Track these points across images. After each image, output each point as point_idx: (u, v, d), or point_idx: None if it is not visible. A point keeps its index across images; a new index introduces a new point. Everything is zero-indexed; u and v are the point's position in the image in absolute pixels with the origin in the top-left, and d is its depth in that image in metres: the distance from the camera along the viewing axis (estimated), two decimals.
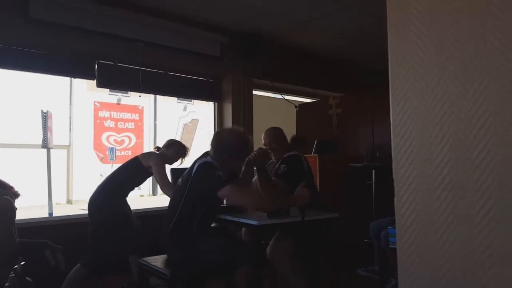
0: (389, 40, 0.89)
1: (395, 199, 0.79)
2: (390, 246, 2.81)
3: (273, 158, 2.95)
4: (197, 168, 2.23)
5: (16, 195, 2.54)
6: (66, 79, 12.22)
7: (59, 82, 12.26)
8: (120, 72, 3.88)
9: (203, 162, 2.25)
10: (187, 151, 3.09)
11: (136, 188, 3.07)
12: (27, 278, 2.04)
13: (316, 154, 4.42)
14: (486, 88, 0.71)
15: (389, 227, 2.81)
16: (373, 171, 4.24)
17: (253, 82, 4.77)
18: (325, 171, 4.31)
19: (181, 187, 2.32)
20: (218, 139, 2.37)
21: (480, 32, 0.75)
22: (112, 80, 3.90)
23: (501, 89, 0.71)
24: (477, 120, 0.71)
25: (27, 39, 3.32)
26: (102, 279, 2.71)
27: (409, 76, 0.81)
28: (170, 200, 2.48)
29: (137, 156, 2.95)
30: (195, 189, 2.21)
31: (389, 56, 0.87)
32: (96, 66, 3.73)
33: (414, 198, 0.76)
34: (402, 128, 0.78)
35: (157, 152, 3.03)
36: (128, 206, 2.98)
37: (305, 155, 3.97)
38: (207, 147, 4.97)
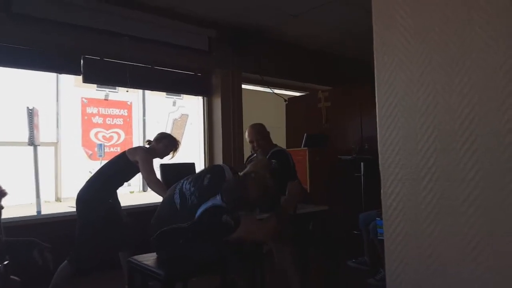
0: (374, 31, 0.88)
1: (381, 190, 0.79)
2: (379, 237, 2.84)
3: (258, 153, 2.94)
4: (202, 213, 2.02)
5: (3, 193, 2.49)
6: (52, 75, 11.99)
7: (45, 78, 12.03)
8: (106, 67, 3.82)
9: (210, 207, 2.02)
10: (178, 145, 3.05)
11: (125, 184, 3.04)
12: (13, 277, 2.01)
13: (305, 148, 4.42)
14: (471, 79, 0.71)
15: (377, 218, 2.83)
16: (361, 163, 4.27)
17: (242, 76, 4.75)
18: (315, 164, 4.32)
19: (180, 210, 2.10)
20: (240, 194, 2.05)
21: (467, 24, 0.75)
22: (98, 75, 3.84)
23: (486, 80, 0.72)
24: (462, 109, 0.71)
25: (10, 34, 3.25)
26: (91, 276, 2.68)
27: (395, 67, 0.80)
28: (161, 208, 2.26)
29: (124, 152, 2.91)
30: (197, 232, 2.03)
31: (374, 47, 0.87)
32: (82, 61, 3.66)
33: (400, 189, 0.76)
34: (388, 118, 0.77)
35: (147, 146, 2.99)
36: (118, 202, 2.94)
37: (295, 149, 4.00)
38: (197, 143, 4.96)
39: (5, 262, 1.48)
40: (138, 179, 14.13)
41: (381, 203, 0.85)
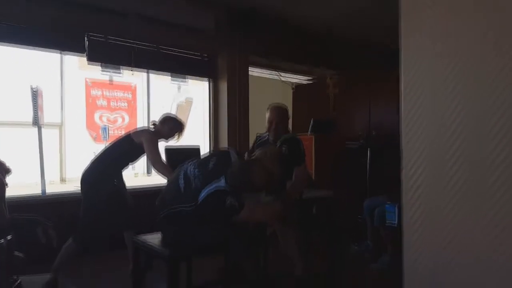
0: (400, 12, 0.83)
1: (402, 171, 0.75)
2: (387, 223, 2.80)
3: (270, 135, 2.89)
4: (206, 196, 2.00)
5: (7, 171, 2.49)
6: (56, 56, 11.92)
7: (49, 59, 11.96)
8: (111, 47, 3.76)
9: (214, 190, 2.00)
10: (183, 127, 3.02)
11: (130, 166, 3.02)
12: (17, 253, 2.01)
13: (312, 134, 4.38)
14: (508, 52, 0.66)
15: (387, 204, 2.79)
16: (368, 150, 4.23)
17: (249, 60, 4.68)
18: (321, 150, 4.29)
19: (184, 193, 2.07)
20: (244, 177, 2.03)
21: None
22: (103, 55, 3.78)
23: None
24: (495, 86, 0.66)
25: (14, 12, 3.20)
26: (96, 255, 2.69)
27: (421, 45, 0.75)
28: (166, 190, 2.24)
29: (129, 133, 2.88)
30: (201, 215, 2.02)
31: (400, 27, 0.81)
32: (86, 40, 3.61)
33: (423, 170, 0.72)
34: (414, 95, 0.72)
35: (152, 127, 2.96)
36: (123, 184, 2.93)
37: (301, 135, 3.96)
38: (202, 128, 4.93)
39: (8, 238, 1.47)
40: (143, 162, 14.14)
41: (389, 190, 0.81)
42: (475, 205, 0.70)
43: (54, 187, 9.96)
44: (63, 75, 13.09)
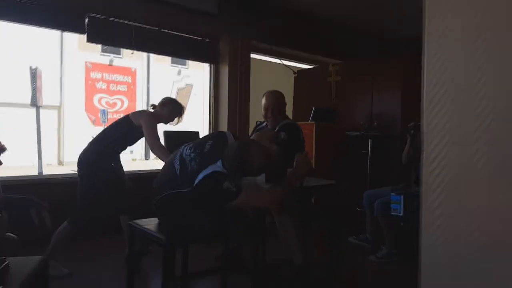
0: None
1: (423, 154, 0.69)
2: (392, 213, 2.75)
3: (268, 123, 2.83)
4: (202, 179, 1.95)
5: (2, 149, 2.43)
6: (56, 37, 11.78)
7: (49, 39, 11.81)
8: (111, 27, 3.68)
9: (210, 173, 1.95)
10: (183, 111, 2.95)
11: (128, 151, 2.97)
12: (10, 234, 1.96)
13: (313, 122, 4.31)
14: None
15: (392, 193, 2.74)
16: (369, 140, 4.18)
17: (251, 45, 4.59)
18: (321, 139, 4.22)
19: (180, 175, 2.02)
20: (241, 160, 1.95)
21: None
22: (103, 35, 3.70)
23: None
24: None
25: None
26: (92, 238, 2.65)
27: (447, 14, 0.69)
28: (162, 173, 2.19)
29: (128, 115, 2.82)
30: (197, 198, 1.97)
31: (425, 4, 0.74)
32: (86, 20, 3.52)
33: (446, 153, 0.66)
34: (438, 71, 0.66)
35: (152, 110, 2.90)
36: (121, 167, 2.89)
37: (302, 123, 3.90)
38: (201, 114, 4.86)
39: None
40: (141, 147, 14.08)
41: (391, 182, 0.75)
42: (505, 191, 0.64)
43: (52, 169, 9.93)
44: (63, 56, 12.95)
